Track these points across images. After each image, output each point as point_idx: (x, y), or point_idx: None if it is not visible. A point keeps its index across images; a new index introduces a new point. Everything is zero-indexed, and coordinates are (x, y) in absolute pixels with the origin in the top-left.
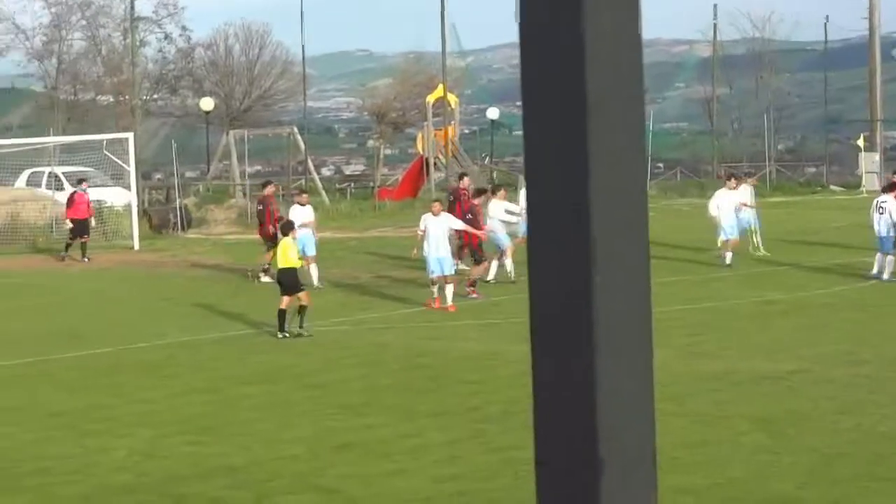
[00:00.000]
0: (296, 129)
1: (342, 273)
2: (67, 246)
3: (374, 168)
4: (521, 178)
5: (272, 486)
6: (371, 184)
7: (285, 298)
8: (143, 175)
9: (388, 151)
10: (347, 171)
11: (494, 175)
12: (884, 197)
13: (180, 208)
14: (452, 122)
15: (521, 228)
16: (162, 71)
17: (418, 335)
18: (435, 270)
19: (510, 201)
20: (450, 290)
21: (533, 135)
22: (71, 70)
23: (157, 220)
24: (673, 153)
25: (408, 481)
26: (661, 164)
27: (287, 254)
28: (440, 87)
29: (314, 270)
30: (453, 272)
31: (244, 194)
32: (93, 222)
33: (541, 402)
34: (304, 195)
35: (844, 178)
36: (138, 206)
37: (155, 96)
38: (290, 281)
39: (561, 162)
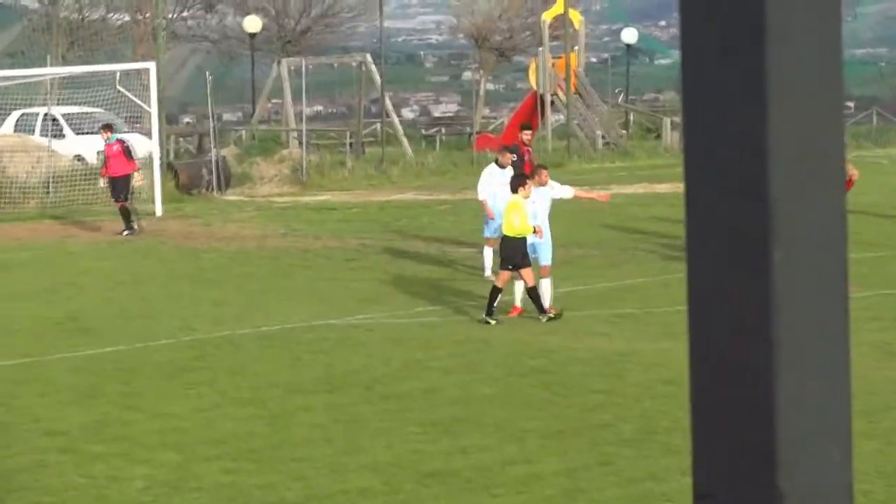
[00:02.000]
0: (369, 58)
1: (427, 247)
2: (126, 216)
3: (471, 108)
4: (668, 122)
5: None
6: (468, 129)
7: (504, 274)
8: (169, 118)
9: (491, 87)
10: (437, 112)
11: (631, 117)
12: None
13: (216, 162)
14: (576, 48)
15: None
16: None
17: (530, 330)
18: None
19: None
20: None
21: (692, 67)
22: None
23: (187, 177)
24: (868, 89)
25: None
26: (851, 104)
27: (513, 217)
28: (560, 0)
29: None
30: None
31: (301, 143)
32: (137, 177)
33: (700, 419)
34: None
35: None
36: (162, 158)
37: (184, 14)
38: (514, 252)
39: (730, 104)
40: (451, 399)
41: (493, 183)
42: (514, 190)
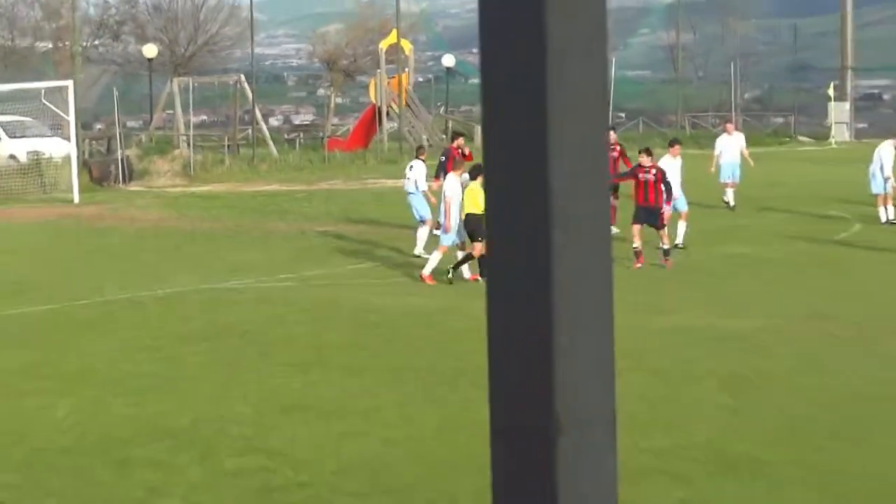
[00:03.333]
0: (243, 78)
1: (288, 227)
2: None
3: (324, 117)
4: (478, 129)
5: (216, 447)
6: (321, 134)
7: (478, 245)
8: (84, 125)
9: (339, 100)
10: (297, 120)
11: (449, 125)
12: None
13: (122, 160)
14: (406, 70)
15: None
16: (103, 16)
17: (369, 291)
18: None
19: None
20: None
21: (490, 85)
22: (7, 15)
23: (98, 171)
24: (636, 102)
25: (354, 442)
26: (622, 114)
27: (476, 199)
28: (394, 32)
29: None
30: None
31: (188, 145)
32: None
33: (495, 363)
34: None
35: (813, 128)
36: (78, 157)
37: (96, 42)
38: (479, 226)
39: (519, 114)
40: (306, 345)
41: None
42: (474, 178)
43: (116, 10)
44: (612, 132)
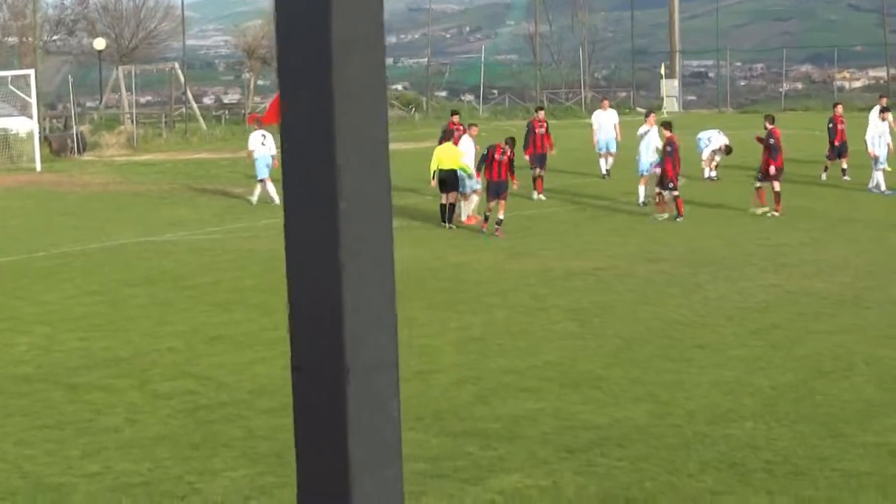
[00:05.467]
0: (177, 65)
1: (215, 189)
2: None
3: (247, 97)
4: None
5: (153, 373)
6: (243, 111)
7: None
8: (49, 106)
9: (261, 82)
10: (226, 99)
11: None
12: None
13: (77, 134)
14: None
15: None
16: (60, 15)
17: (279, 242)
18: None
19: None
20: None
21: (286, 76)
22: None
23: (57, 144)
24: (503, 82)
25: (267, 368)
26: (494, 91)
27: (446, 158)
28: None
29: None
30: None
31: (132, 121)
32: None
33: (294, 311)
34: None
35: (650, 101)
36: (40, 132)
37: (55, 37)
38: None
39: (310, 100)
40: (229, 288)
41: (469, 146)
42: (442, 142)
43: (71, 10)
44: (541, 111)
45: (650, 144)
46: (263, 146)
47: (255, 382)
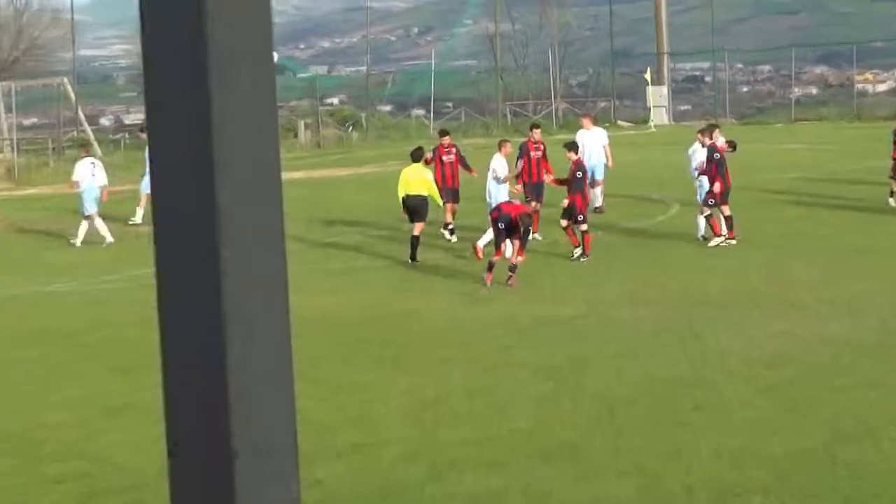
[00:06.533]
0: (66, 80)
1: (111, 225)
2: None
3: None
4: (302, 124)
5: (42, 453)
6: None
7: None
8: None
9: None
10: (128, 120)
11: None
12: None
13: None
14: None
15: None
16: None
17: None
18: None
19: None
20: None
21: (154, 90)
22: None
23: None
24: (459, 92)
25: None
26: (448, 104)
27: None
28: None
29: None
30: None
31: (13, 149)
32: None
33: (170, 383)
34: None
35: (637, 112)
36: None
37: None
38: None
39: (182, 124)
40: (130, 348)
41: (502, 166)
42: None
43: None
44: (537, 130)
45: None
46: (94, 176)
47: (162, 464)
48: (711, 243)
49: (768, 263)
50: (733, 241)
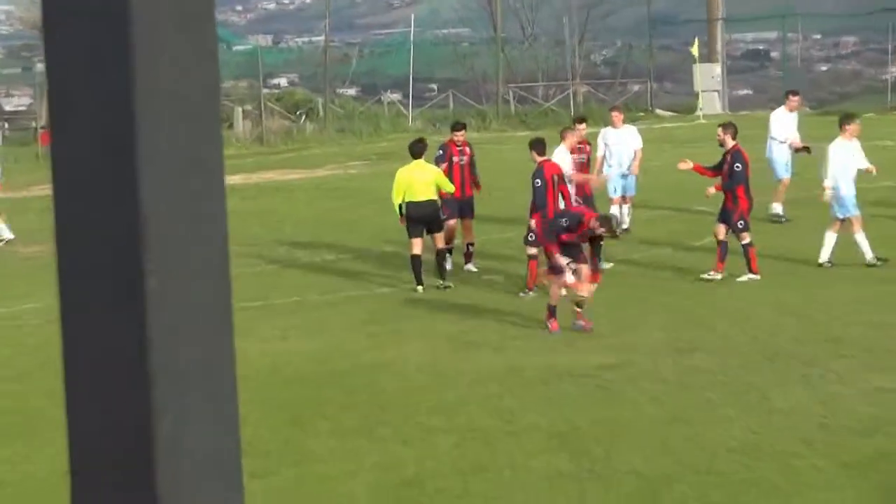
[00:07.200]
0: None
1: None
2: None
3: (40, 101)
4: (239, 112)
5: None
6: (33, 124)
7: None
8: None
9: None
10: (9, 105)
11: None
12: None
13: None
14: None
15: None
16: None
17: None
18: None
19: None
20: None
21: (57, 70)
22: None
23: None
24: (448, 70)
25: None
26: (432, 86)
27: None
28: None
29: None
30: None
31: None
32: None
33: (76, 460)
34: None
35: (680, 98)
36: None
37: None
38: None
39: (96, 115)
40: (10, 409)
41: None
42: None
43: None
44: (582, 123)
45: (847, 167)
46: None
47: None
48: (707, 275)
49: (858, 299)
50: (718, 276)
